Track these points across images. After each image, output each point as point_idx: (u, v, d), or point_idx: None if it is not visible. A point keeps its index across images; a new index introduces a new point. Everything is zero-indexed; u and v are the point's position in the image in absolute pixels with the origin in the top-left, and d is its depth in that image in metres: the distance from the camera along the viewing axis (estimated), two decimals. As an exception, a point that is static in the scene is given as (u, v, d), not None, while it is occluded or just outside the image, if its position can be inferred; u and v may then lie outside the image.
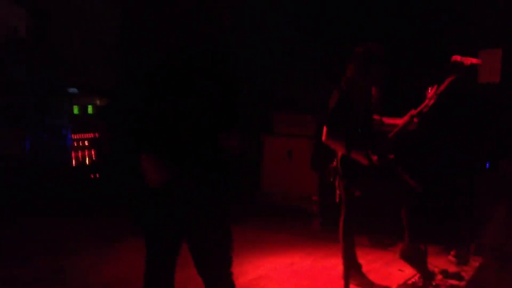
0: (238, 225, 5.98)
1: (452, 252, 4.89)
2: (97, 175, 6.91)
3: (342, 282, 4.26)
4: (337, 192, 4.34)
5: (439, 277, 4.32)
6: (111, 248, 5.18)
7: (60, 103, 6.85)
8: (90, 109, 6.93)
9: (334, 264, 4.81)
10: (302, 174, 6.41)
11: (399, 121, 4.22)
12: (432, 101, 4.10)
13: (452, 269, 4.52)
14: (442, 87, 4.01)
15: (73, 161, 6.73)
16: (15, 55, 6.91)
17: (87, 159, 6.86)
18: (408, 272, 4.51)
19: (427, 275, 4.19)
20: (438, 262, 4.64)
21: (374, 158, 4.11)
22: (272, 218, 6.47)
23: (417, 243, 4.19)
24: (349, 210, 4.19)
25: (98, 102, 6.95)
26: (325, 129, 4.21)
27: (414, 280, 4.22)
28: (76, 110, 6.81)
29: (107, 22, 7.28)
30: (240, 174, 2.99)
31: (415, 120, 4.15)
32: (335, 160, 4.31)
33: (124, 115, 2.93)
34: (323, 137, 4.22)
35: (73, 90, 6.97)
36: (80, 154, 6.80)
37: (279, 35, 7.08)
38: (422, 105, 4.08)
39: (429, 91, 4.09)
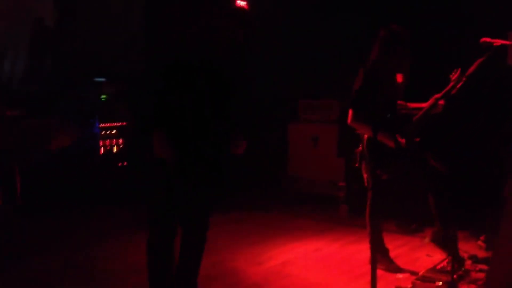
0: (264, 211, 6.09)
1: (482, 237, 4.81)
2: (125, 163, 6.97)
3: (369, 267, 4.24)
4: (364, 176, 4.32)
5: (469, 262, 4.25)
6: (137, 235, 5.23)
7: (87, 92, 6.91)
8: (116, 98, 6.97)
9: (361, 250, 4.79)
10: (328, 160, 6.38)
11: (424, 105, 4.20)
12: (460, 84, 4.05)
13: (482, 254, 4.44)
14: (471, 69, 3.95)
15: (101, 149, 6.80)
16: (43, 45, 6.99)
17: (114, 147, 6.92)
18: (436, 257, 4.45)
19: (457, 260, 4.14)
20: (468, 247, 4.57)
21: (402, 141, 4.07)
22: (298, 204, 6.47)
23: (447, 228, 4.15)
24: (376, 194, 4.12)
25: (124, 90, 6.99)
26: (350, 111, 4.18)
27: (442, 265, 4.16)
28: (103, 98, 6.87)
29: (135, 10, 7.33)
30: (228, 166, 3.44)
31: (440, 102, 4.12)
32: (361, 144, 4.28)
33: (141, 98, 3.28)
34: (349, 120, 4.19)
35: (100, 79, 7.02)
36: (108, 142, 6.86)
37: (303, 22, 7.04)
38: (447, 88, 4.06)
39: (454, 73, 4.06)
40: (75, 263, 4.53)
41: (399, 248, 4.85)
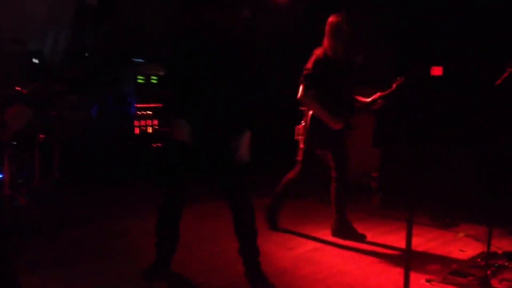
0: (296, 198, 6.07)
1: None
2: (159, 144, 7.04)
3: (400, 259, 4.22)
4: (300, 147, 4.87)
5: (504, 259, 4.17)
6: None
7: (126, 72, 6.97)
8: (153, 79, 7.03)
9: (392, 240, 4.76)
10: (363, 149, 6.31)
11: (367, 100, 4.85)
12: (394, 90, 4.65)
13: (517, 251, 4.36)
14: (399, 81, 4.61)
15: (136, 129, 6.88)
16: (85, 24, 7.08)
17: (149, 128, 6.99)
18: (469, 252, 4.39)
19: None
20: (502, 244, 4.48)
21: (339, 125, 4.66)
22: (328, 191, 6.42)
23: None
24: (304, 167, 4.85)
25: (162, 72, 7.04)
26: (301, 86, 4.60)
27: (475, 260, 4.09)
28: (141, 79, 6.93)
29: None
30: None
31: (379, 101, 4.76)
32: (304, 119, 4.79)
33: (166, 85, 3.74)
34: (299, 95, 4.63)
35: (138, 60, 7.08)
36: (143, 123, 6.94)
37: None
38: (389, 90, 4.67)
39: (397, 80, 4.63)
40: (112, 234, 4.67)
41: (432, 241, 4.79)
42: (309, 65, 4.60)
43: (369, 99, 4.84)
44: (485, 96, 4.14)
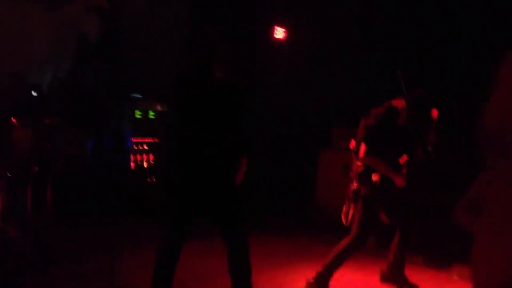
0: (290, 237, 6.04)
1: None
2: (153, 179, 7.03)
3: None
4: (351, 214, 4.38)
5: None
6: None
7: (122, 108, 7.04)
8: (151, 114, 7.08)
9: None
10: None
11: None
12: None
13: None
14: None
15: (132, 163, 6.88)
16: (85, 59, 7.17)
17: (145, 162, 7.00)
18: (462, 294, 4.35)
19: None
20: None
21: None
22: (326, 232, 6.38)
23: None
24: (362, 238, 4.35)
25: (159, 107, 7.10)
26: (363, 145, 4.24)
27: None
28: (137, 114, 6.98)
29: (175, 29, 7.48)
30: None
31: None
32: (358, 183, 4.33)
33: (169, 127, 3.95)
34: (361, 154, 4.25)
35: (136, 95, 7.15)
36: (139, 157, 6.95)
37: (340, 49, 7.10)
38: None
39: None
40: (104, 270, 4.60)
41: (425, 282, 4.74)
42: (372, 121, 4.30)
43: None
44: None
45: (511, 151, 1.07)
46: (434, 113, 4.33)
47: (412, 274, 4.63)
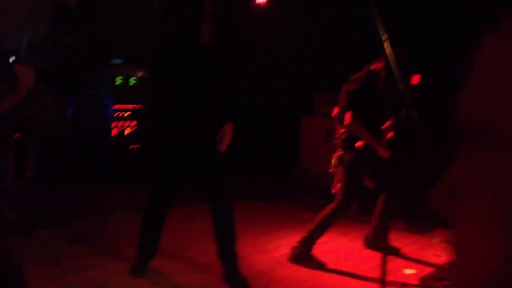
0: (273, 203, 6.07)
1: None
2: (135, 147, 6.98)
3: (376, 262, 4.22)
4: (337, 182, 4.45)
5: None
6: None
7: (103, 74, 6.91)
8: (132, 80, 6.97)
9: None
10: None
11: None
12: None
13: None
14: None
15: (113, 130, 6.80)
16: (64, 25, 7.00)
17: (126, 129, 6.92)
18: (444, 257, 4.42)
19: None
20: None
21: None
22: (308, 198, 6.43)
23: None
24: (347, 203, 4.40)
25: (140, 74, 6.99)
26: (348, 113, 4.21)
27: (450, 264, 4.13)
28: (118, 81, 6.86)
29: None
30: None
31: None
32: (342, 150, 4.36)
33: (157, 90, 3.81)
34: (346, 121, 4.23)
35: (116, 61, 7.02)
36: (120, 124, 6.87)
37: (321, 15, 7.03)
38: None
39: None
40: (86, 234, 4.59)
41: (407, 246, 4.82)
42: (352, 86, 4.28)
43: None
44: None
45: (491, 139, 1.06)
46: (415, 78, 4.30)
47: (395, 239, 4.71)
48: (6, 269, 2.31)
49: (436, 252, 4.60)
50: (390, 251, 4.43)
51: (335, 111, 4.46)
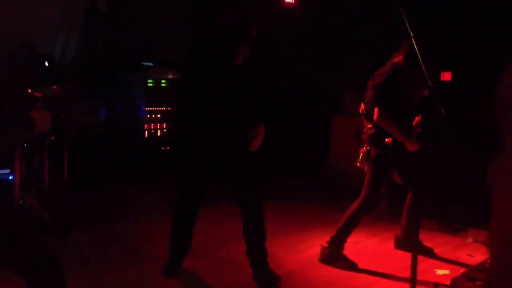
0: (304, 203, 6.07)
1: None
2: (167, 148, 7.06)
3: (407, 263, 4.19)
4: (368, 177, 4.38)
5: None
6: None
7: (135, 76, 7.02)
8: (163, 82, 7.06)
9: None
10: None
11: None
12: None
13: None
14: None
15: (146, 132, 6.91)
16: (95, 28, 7.13)
17: (159, 131, 7.02)
18: (477, 258, 4.37)
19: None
20: None
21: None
22: (340, 196, 6.41)
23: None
24: (375, 197, 4.35)
25: (171, 76, 7.07)
26: (376, 109, 4.17)
27: (484, 265, 4.07)
28: (150, 83, 6.96)
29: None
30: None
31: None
32: (368, 145, 4.32)
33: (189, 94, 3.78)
34: (375, 117, 4.17)
35: (148, 63, 7.12)
36: (152, 126, 6.97)
37: (354, 12, 6.99)
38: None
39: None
40: (120, 236, 4.69)
41: (440, 246, 4.77)
42: (378, 80, 4.24)
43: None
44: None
45: None
46: (446, 76, 4.27)
47: (427, 239, 4.66)
48: (49, 271, 2.38)
49: (470, 253, 4.54)
50: (422, 251, 4.40)
51: (362, 106, 4.45)
